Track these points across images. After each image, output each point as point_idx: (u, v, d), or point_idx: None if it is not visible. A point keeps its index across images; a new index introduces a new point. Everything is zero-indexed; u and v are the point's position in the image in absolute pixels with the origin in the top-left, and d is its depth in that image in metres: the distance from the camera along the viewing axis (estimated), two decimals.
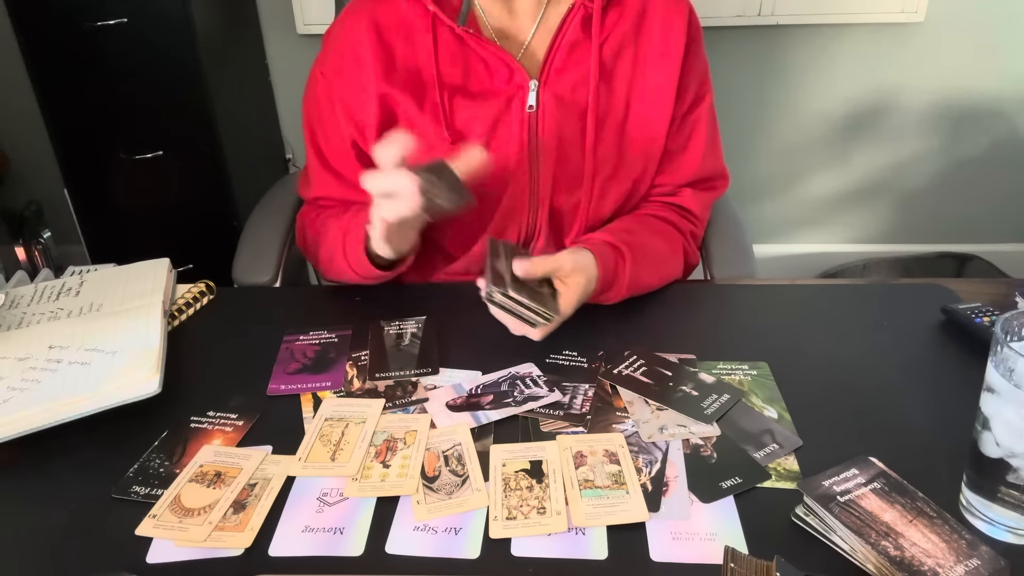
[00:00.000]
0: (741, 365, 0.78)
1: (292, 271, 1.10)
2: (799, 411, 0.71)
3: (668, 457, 0.67)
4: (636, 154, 0.94)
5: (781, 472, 0.65)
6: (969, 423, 0.60)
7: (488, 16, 0.92)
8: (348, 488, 0.64)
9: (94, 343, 0.78)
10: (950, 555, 0.55)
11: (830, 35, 2.02)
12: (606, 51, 0.91)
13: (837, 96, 2.10)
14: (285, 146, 2.23)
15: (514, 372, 0.77)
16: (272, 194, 1.21)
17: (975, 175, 2.20)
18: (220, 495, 0.64)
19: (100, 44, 1.65)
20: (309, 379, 0.78)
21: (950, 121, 2.13)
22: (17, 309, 0.87)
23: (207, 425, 0.72)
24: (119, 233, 1.90)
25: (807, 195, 2.27)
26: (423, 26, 0.89)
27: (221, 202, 1.87)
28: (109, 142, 1.77)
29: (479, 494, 0.63)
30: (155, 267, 0.93)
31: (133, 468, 0.67)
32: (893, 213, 2.28)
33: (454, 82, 0.90)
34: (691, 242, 0.99)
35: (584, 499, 0.62)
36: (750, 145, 2.17)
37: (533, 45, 0.92)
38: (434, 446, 0.68)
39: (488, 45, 0.88)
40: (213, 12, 1.79)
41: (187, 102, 1.75)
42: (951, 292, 0.89)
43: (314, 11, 2.01)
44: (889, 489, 0.60)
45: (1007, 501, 0.57)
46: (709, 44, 0.98)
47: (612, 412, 0.72)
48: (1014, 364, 0.54)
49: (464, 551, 0.59)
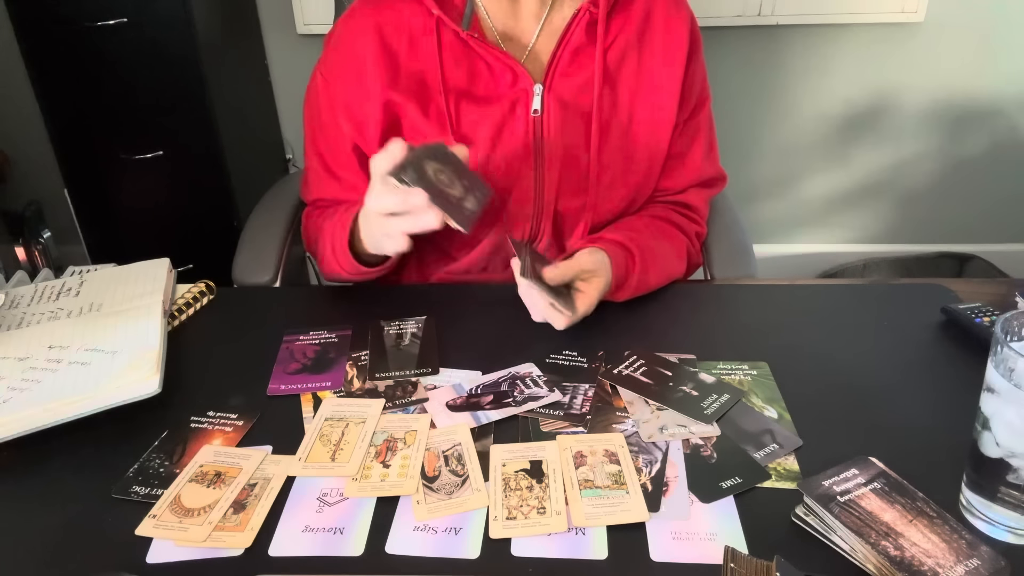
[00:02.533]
0: (741, 365, 0.78)
1: (292, 271, 1.10)
2: (799, 411, 0.71)
3: (668, 457, 0.67)
4: (640, 159, 0.94)
5: (781, 472, 0.65)
6: (969, 423, 0.60)
7: (492, 19, 0.92)
8: (348, 488, 0.64)
9: (94, 343, 0.78)
10: (950, 555, 0.55)
11: (830, 35, 2.02)
12: (610, 56, 0.91)
13: (837, 96, 2.10)
14: (285, 146, 2.23)
15: (514, 372, 0.77)
16: (272, 194, 1.21)
17: (975, 175, 2.20)
18: (220, 495, 0.64)
19: (100, 44, 1.65)
20: (309, 379, 0.78)
21: (950, 121, 2.13)
22: (17, 309, 0.87)
23: (207, 425, 0.72)
24: (119, 233, 1.90)
25: (807, 195, 2.27)
26: (427, 30, 0.89)
27: (221, 202, 1.87)
28: (109, 142, 1.77)
29: (479, 494, 0.63)
30: (155, 267, 0.93)
31: (133, 468, 0.67)
32: (893, 213, 2.28)
33: (459, 86, 0.90)
34: (695, 242, 1.00)
35: (584, 499, 0.62)
36: (750, 145, 2.17)
37: (537, 49, 0.92)
38: (434, 446, 0.68)
39: (492, 49, 0.88)
40: (213, 12, 1.79)
41: (187, 102, 1.75)
42: (951, 292, 0.89)
43: (314, 11, 2.01)
44: (889, 489, 0.60)
45: (1007, 501, 0.57)
46: (709, 44, 0.99)
47: (612, 412, 0.72)
48: (1014, 364, 0.54)
49: (464, 551, 0.59)
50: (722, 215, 1.10)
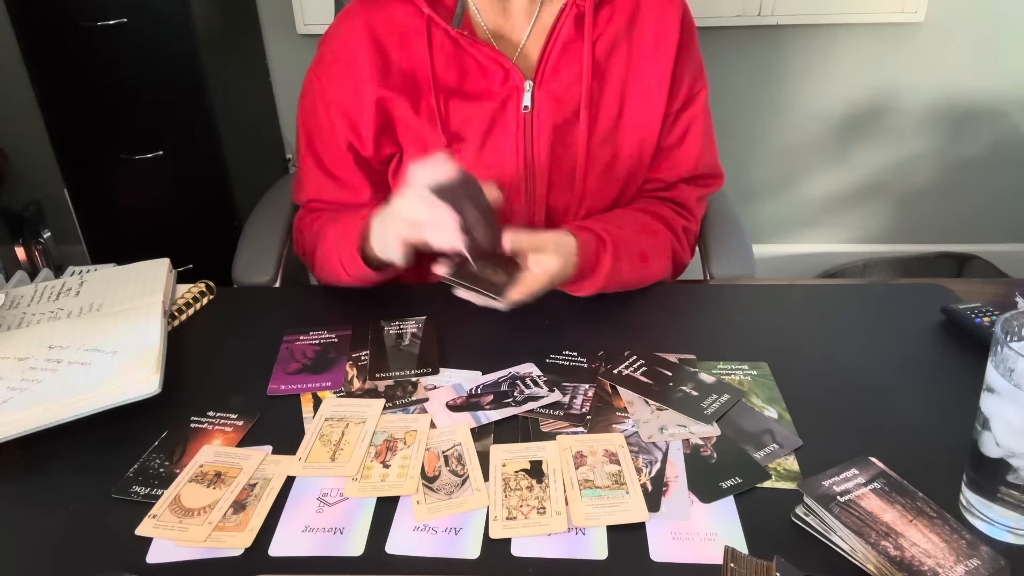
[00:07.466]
0: (741, 365, 0.78)
1: (292, 271, 1.10)
2: (799, 411, 0.71)
3: (668, 457, 0.67)
4: (630, 151, 0.95)
5: (781, 472, 0.65)
6: (969, 423, 0.60)
7: (483, 17, 0.92)
8: (348, 488, 0.64)
9: (94, 343, 0.78)
10: (950, 555, 0.55)
11: (830, 35, 2.02)
12: (599, 49, 0.91)
13: (837, 96, 2.10)
14: (285, 146, 2.23)
15: (514, 372, 0.77)
16: (272, 194, 1.21)
17: (975, 175, 2.20)
18: (220, 495, 0.64)
19: (100, 44, 1.65)
20: (309, 379, 0.78)
21: (950, 121, 2.13)
22: (17, 309, 0.87)
23: (207, 425, 0.72)
24: (119, 233, 1.90)
25: (807, 195, 2.27)
26: (418, 29, 0.89)
27: (221, 202, 1.87)
28: (109, 142, 1.77)
29: (479, 494, 0.63)
30: (155, 267, 0.93)
31: (133, 468, 0.67)
32: (893, 213, 2.28)
33: (449, 84, 0.90)
34: (683, 238, 0.98)
35: (584, 499, 0.62)
36: (750, 145, 2.17)
37: (528, 46, 0.93)
38: (434, 446, 0.68)
39: (483, 47, 0.89)
40: (213, 12, 1.79)
41: (187, 102, 1.74)
42: (951, 292, 0.89)
43: (314, 11, 2.01)
44: (889, 489, 0.60)
45: (1007, 501, 0.57)
46: (709, 44, 0.99)
47: (612, 412, 0.72)
48: (1014, 364, 0.54)
49: (464, 551, 0.59)
50: (722, 215, 1.10)
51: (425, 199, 0.75)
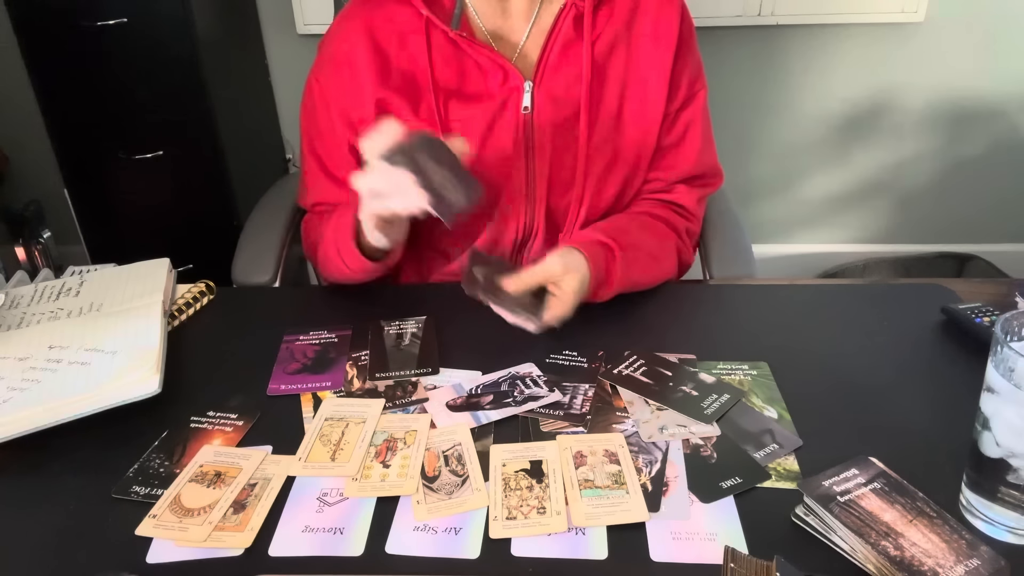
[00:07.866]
0: (741, 365, 0.78)
1: (292, 271, 1.10)
2: (799, 411, 0.71)
3: (668, 457, 0.67)
4: (630, 151, 0.95)
5: (781, 472, 0.65)
6: (969, 423, 0.60)
7: (482, 18, 0.92)
8: (348, 488, 0.64)
9: (94, 343, 0.78)
10: (950, 555, 0.55)
11: (830, 35, 2.02)
12: (598, 49, 0.91)
13: (837, 96, 2.10)
14: (285, 146, 2.23)
15: (514, 372, 0.77)
16: (272, 194, 1.21)
17: (975, 175, 2.20)
18: (220, 495, 0.64)
19: (100, 44, 1.65)
20: (309, 379, 0.78)
21: (950, 121, 2.13)
22: (17, 309, 0.87)
23: (207, 425, 0.72)
24: (119, 233, 1.90)
25: (807, 195, 2.27)
26: (416, 30, 0.89)
27: (221, 202, 1.87)
28: (109, 142, 1.77)
29: (479, 494, 0.63)
30: (155, 267, 0.93)
31: (133, 468, 0.67)
32: (893, 213, 2.28)
33: (449, 86, 0.90)
34: (686, 239, 0.99)
35: (584, 499, 0.62)
36: (750, 145, 2.17)
37: (527, 46, 0.93)
38: (434, 446, 0.68)
39: (482, 48, 0.89)
40: (213, 12, 1.79)
41: (187, 102, 1.74)
42: (951, 292, 0.89)
43: (314, 11, 2.01)
44: (889, 489, 0.60)
45: (1007, 501, 0.57)
46: (709, 44, 0.99)
47: (612, 412, 0.72)
48: (1014, 364, 0.54)
49: (464, 551, 0.59)
50: (722, 215, 1.10)
51: (379, 168, 0.73)
